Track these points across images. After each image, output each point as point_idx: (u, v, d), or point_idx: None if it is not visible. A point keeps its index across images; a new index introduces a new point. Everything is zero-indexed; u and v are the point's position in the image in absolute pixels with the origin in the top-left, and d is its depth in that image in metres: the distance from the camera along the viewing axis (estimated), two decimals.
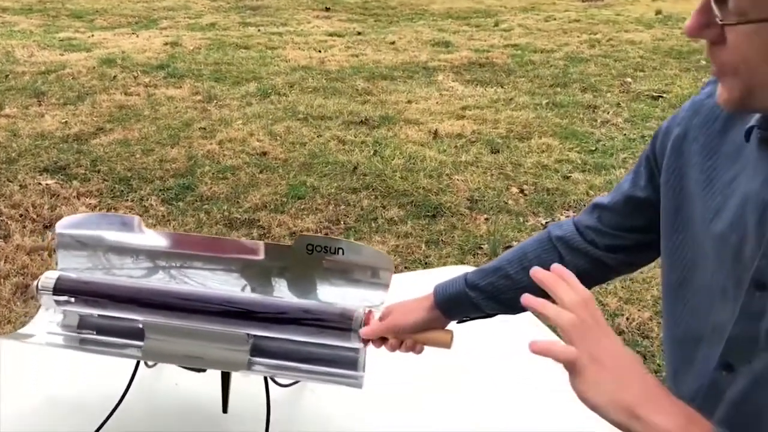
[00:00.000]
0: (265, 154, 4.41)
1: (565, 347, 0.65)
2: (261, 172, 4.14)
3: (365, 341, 1.08)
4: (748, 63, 0.62)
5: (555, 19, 10.08)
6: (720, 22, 0.62)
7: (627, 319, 2.69)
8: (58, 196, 3.78)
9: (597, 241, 0.96)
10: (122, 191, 3.86)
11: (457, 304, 1.04)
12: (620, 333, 2.64)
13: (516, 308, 1.00)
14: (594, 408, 0.63)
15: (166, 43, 7.82)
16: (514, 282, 0.99)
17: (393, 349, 1.09)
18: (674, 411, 0.62)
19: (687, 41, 8.40)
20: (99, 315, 1.20)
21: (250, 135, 4.72)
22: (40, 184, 3.90)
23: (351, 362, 1.13)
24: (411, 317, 1.05)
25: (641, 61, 7.25)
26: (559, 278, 0.71)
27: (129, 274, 1.21)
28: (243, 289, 1.20)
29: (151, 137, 4.66)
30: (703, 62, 7.27)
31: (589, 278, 0.94)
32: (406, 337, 1.06)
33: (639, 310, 2.72)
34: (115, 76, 6.27)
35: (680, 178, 0.79)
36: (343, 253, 1.16)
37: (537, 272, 0.73)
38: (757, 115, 0.69)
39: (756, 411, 0.68)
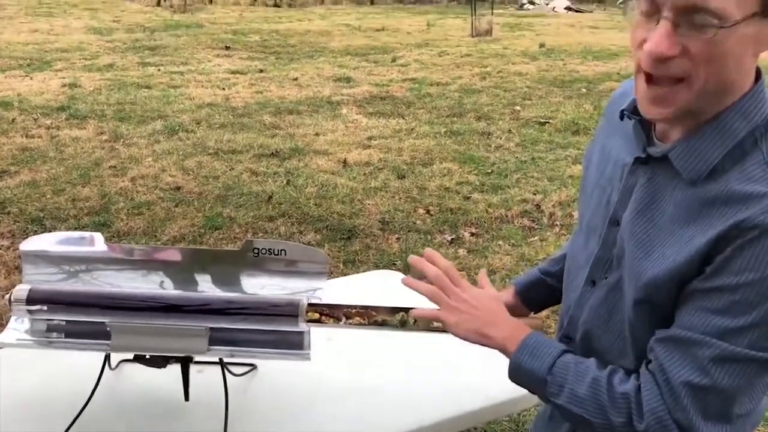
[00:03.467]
0: (179, 188, 4.50)
1: (431, 311, 1.04)
2: (176, 205, 4.23)
3: None
4: (712, 63, 0.77)
5: (448, 54, 10.67)
6: (718, 25, 0.74)
7: None
8: None
9: None
10: (35, 231, 3.84)
11: (534, 288, 1.24)
12: None
13: None
14: (460, 338, 1.00)
15: (64, 85, 7.72)
16: None
17: None
18: (505, 326, 0.97)
19: (569, 71, 9.14)
20: (66, 321, 1.34)
21: (162, 171, 4.80)
22: None
23: (298, 344, 1.33)
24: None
25: (528, 90, 7.84)
26: (425, 258, 1.07)
27: (92, 282, 1.35)
28: (198, 289, 1.37)
29: (60, 177, 4.64)
30: (584, 90, 7.95)
31: None
32: None
33: None
34: (13, 119, 6.16)
35: (591, 152, 1.07)
36: (285, 254, 1.37)
37: (411, 259, 1.09)
38: (630, 99, 0.92)
39: (605, 311, 0.95)
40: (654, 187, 0.88)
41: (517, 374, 0.95)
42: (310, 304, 1.31)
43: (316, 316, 1.31)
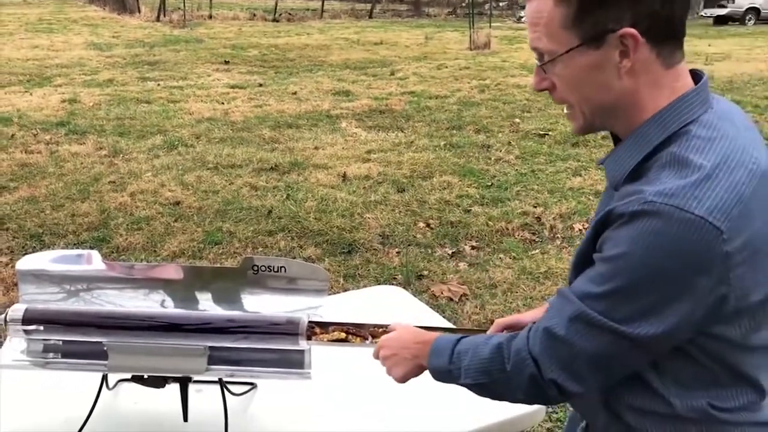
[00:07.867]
0: (178, 203, 4.48)
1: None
2: (176, 220, 4.21)
3: None
4: (570, 90, 0.90)
5: (446, 67, 10.69)
6: (541, 65, 0.90)
7: None
8: None
9: None
10: (34, 248, 3.82)
11: None
12: None
13: None
14: (401, 378, 1.11)
15: (64, 101, 7.74)
16: None
17: None
18: (414, 349, 1.07)
19: None
20: (63, 341, 1.32)
21: (161, 186, 4.79)
22: None
23: (299, 363, 1.31)
24: (529, 316, 1.24)
25: (527, 103, 7.85)
26: None
27: (92, 301, 1.33)
28: (198, 307, 1.35)
29: (59, 193, 4.63)
30: None
31: None
32: None
33: None
34: (13, 135, 6.16)
35: None
36: (285, 271, 1.35)
37: None
38: None
39: None
40: (607, 198, 0.97)
41: (435, 377, 1.04)
42: (330, 323, 1.30)
43: (343, 335, 1.29)
